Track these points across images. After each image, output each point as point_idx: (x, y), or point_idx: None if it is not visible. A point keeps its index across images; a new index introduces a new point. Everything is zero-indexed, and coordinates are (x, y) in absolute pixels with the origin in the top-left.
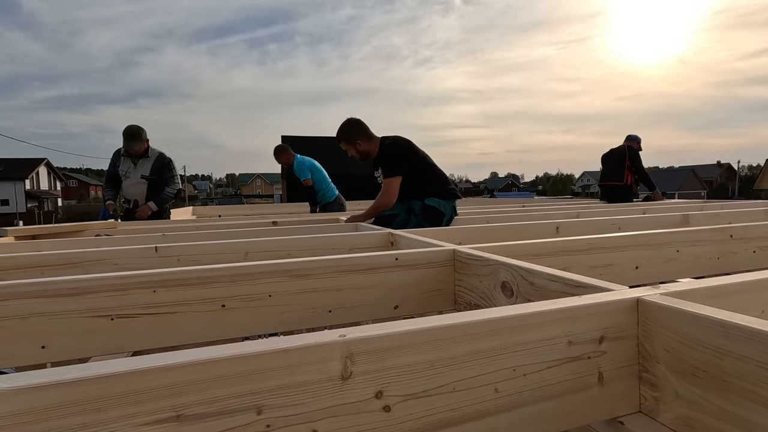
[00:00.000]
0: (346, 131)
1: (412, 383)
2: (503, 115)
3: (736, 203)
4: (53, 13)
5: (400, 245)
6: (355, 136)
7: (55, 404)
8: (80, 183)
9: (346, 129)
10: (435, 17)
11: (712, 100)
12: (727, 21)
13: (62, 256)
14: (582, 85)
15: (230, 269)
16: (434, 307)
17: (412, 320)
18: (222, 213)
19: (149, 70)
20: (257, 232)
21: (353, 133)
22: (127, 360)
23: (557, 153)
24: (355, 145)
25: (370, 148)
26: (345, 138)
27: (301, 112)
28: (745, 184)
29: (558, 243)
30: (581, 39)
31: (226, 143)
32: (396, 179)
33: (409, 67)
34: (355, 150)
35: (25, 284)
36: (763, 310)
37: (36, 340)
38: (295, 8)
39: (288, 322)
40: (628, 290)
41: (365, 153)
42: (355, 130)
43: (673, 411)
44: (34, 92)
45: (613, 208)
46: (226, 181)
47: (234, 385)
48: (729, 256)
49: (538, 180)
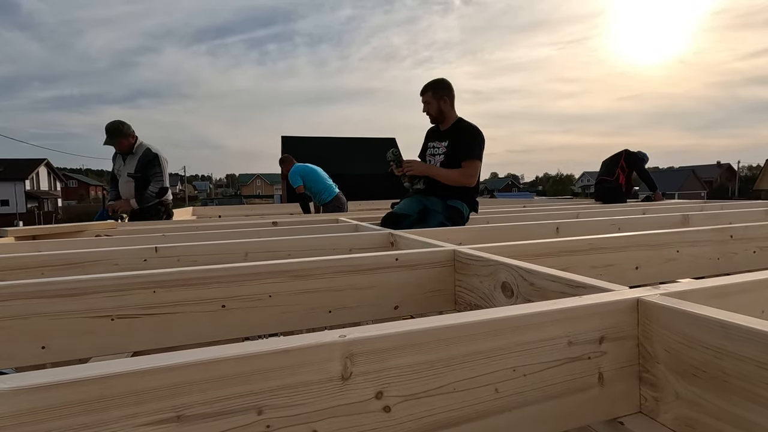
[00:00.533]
0: (439, 84)
1: (413, 384)
2: (503, 116)
3: (736, 203)
4: (52, 14)
5: (401, 245)
6: (445, 92)
7: (55, 405)
8: (80, 183)
9: (440, 82)
10: (434, 17)
11: (712, 101)
12: (727, 21)
13: (62, 257)
14: (582, 85)
15: (230, 270)
16: (434, 308)
17: (413, 321)
18: (222, 213)
19: (149, 71)
20: (257, 232)
21: (445, 89)
22: (128, 360)
23: (557, 153)
24: (441, 101)
25: (449, 112)
26: (434, 89)
27: (301, 112)
28: (745, 185)
29: (558, 243)
30: (581, 39)
31: (226, 144)
32: (480, 163)
33: (409, 67)
34: (437, 105)
35: (26, 284)
36: (763, 311)
37: (36, 340)
38: (295, 8)
39: (288, 323)
40: (628, 291)
41: (442, 113)
42: (447, 89)
43: (673, 411)
44: (34, 92)
45: (613, 209)
46: (226, 182)
47: (234, 386)
48: (729, 256)
49: (538, 180)
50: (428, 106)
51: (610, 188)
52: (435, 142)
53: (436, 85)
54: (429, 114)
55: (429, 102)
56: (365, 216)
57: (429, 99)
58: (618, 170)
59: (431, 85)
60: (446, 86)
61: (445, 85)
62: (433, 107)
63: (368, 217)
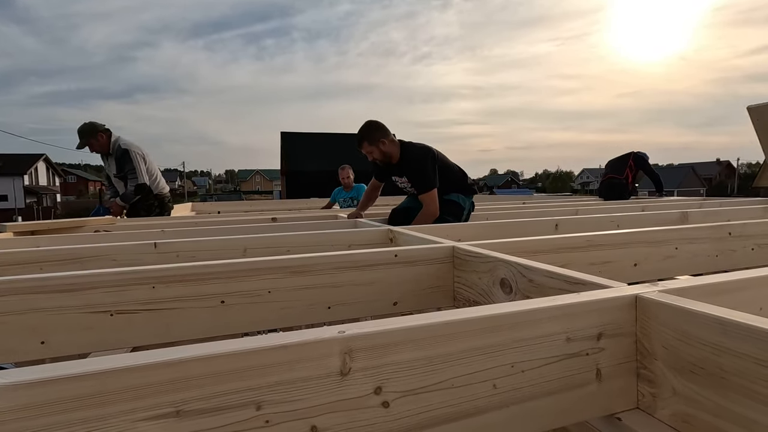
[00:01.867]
0: (370, 132)
1: (411, 379)
2: (503, 112)
3: (735, 201)
4: (48, 8)
5: (400, 242)
6: (379, 136)
7: (55, 399)
8: (79, 179)
9: (370, 130)
10: (433, 13)
11: (712, 98)
12: (728, 18)
13: (61, 252)
14: (582, 81)
15: (229, 265)
16: (433, 304)
17: (411, 317)
18: (221, 209)
19: (146, 66)
20: (256, 228)
21: (377, 134)
22: (127, 356)
23: (557, 150)
24: (379, 145)
25: (392, 149)
26: (368, 139)
27: (299, 107)
28: (744, 182)
29: (557, 240)
30: (581, 35)
31: (225, 139)
32: (435, 191)
33: (408, 63)
34: (378, 151)
35: (24, 280)
36: (761, 308)
37: (35, 335)
38: (292, 3)
39: (287, 319)
40: (627, 287)
41: (388, 154)
42: (379, 131)
43: (670, 407)
44: (31, 87)
45: (612, 206)
46: (226, 177)
47: (233, 381)
48: (727, 253)
49: (538, 177)
50: (371, 155)
51: (618, 185)
52: (397, 177)
53: (367, 135)
54: (376, 160)
55: (370, 152)
56: (365, 212)
57: (368, 149)
58: (627, 170)
59: (362, 136)
60: (376, 128)
61: (374, 128)
62: (377, 154)
63: (368, 213)
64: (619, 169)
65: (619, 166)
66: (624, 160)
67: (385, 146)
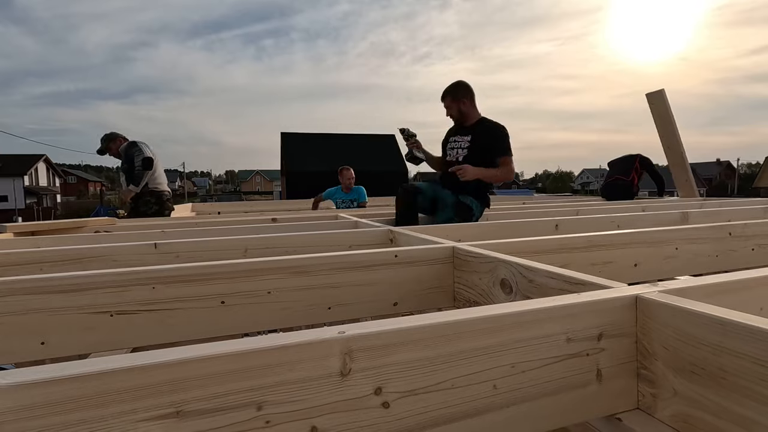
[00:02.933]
0: (458, 90)
1: (411, 380)
2: (503, 112)
3: (735, 201)
4: (47, 8)
5: (400, 242)
6: (463, 95)
7: (55, 400)
8: (79, 179)
9: (458, 87)
10: (433, 13)
11: (712, 98)
12: (728, 17)
13: (61, 253)
14: (582, 82)
15: (229, 266)
16: (433, 305)
17: (411, 317)
18: (221, 210)
19: (145, 66)
20: (256, 229)
21: (463, 91)
22: (127, 356)
23: (557, 150)
24: (460, 104)
25: (471, 111)
26: (453, 94)
27: (298, 108)
28: (744, 182)
29: (557, 240)
30: (581, 35)
31: (224, 140)
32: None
33: (407, 63)
34: (457, 108)
35: (25, 280)
36: (761, 308)
37: (35, 336)
38: (291, 3)
39: (287, 319)
40: (627, 288)
41: (465, 114)
42: (466, 91)
43: (671, 408)
44: (30, 88)
45: (612, 206)
46: (226, 178)
47: (233, 381)
48: (728, 253)
49: (538, 177)
50: (449, 110)
51: (623, 186)
52: (457, 137)
53: (453, 89)
54: (452, 117)
55: (449, 107)
56: (365, 212)
57: (449, 104)
58: (633, 172)
59: (449, 90)
60: (464, 88)
61: (462, 87)
62: (454, 110)
63: (368, 214)
64: (625, 171)
65: (625, 168)
66: (629, 162)
67: (465, 106)
